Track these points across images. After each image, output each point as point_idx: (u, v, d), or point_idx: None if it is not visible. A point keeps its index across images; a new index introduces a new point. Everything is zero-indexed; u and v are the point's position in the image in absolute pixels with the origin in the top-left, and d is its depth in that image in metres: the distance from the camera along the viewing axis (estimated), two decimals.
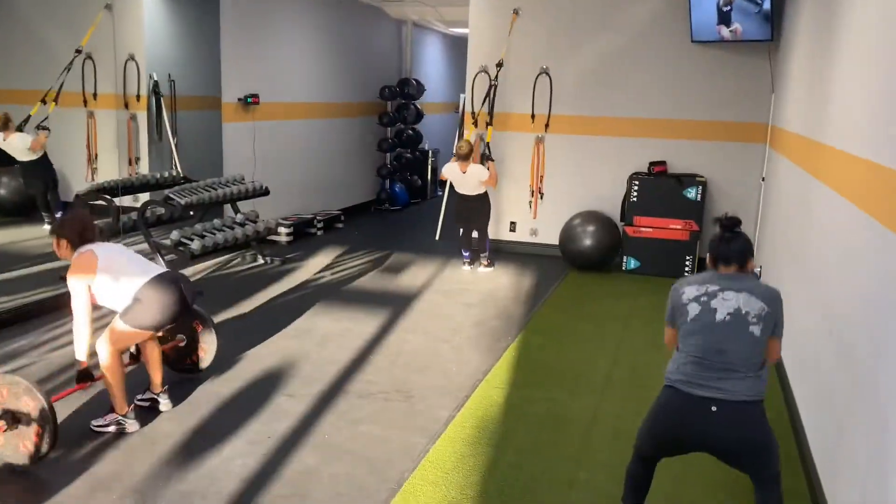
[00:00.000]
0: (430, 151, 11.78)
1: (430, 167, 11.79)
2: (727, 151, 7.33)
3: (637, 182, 7.23)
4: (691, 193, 7.09)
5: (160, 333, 3.99)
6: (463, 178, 6.92)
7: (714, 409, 2.61)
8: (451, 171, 7.00)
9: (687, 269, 7.14)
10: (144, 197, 7.48)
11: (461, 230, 7.36)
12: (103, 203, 6.55)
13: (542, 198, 7.91)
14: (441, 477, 3.41)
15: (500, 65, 7.58)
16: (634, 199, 7.24)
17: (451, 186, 7.22)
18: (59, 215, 8.28)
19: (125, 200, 7.35)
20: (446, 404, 4.18)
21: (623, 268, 7.36)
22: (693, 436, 2.69)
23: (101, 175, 8.47)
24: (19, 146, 7.90)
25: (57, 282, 5.94)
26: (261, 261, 7.26)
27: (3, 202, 8.71)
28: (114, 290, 3.63)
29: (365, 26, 10.15)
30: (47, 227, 8.27)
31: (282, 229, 8.07)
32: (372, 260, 7.55)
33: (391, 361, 4.80)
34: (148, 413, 3.92)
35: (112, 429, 3.69)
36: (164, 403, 3.97)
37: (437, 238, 8.58)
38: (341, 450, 3.63)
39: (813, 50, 4.91)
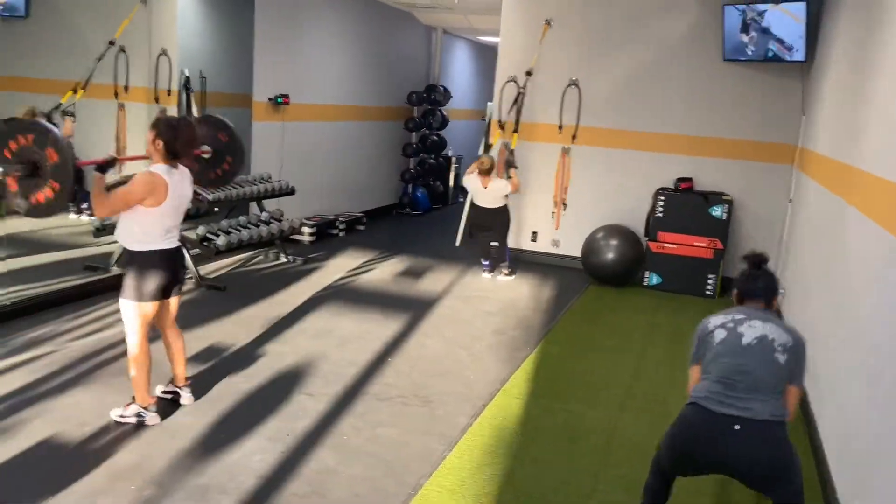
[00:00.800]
0: (454, 158, 11.80)
1: (452, 173, 11.82)
2: (755, 171, 7.28)
3: (663, 197, 7.20)
4: (717, 212, 7.05)
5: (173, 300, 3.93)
6: (484, 192, 6.93)
7: (737, 427, 2.59)
8: (472, 183, 7.01)
9: (709, 287, 7.10)
10: None
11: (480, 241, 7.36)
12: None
13: (565, 209, 7.89)
14: (458, 484, 3.40)
15: (529, 73, 7.58)
16: (659, 214, 7.20)
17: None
18: (84, 205, 8.37)
19: None
20: (465, 411, 4.18)
21: (645, 283, 7.33)
22: (714, 454, 2.66)
23: (128, 167, 8.54)
24: None
25: (80, 270, 6.02)
26: (283, 259, 7.29)
27: None
28: (139, 225, 3.58)
29: (395, 32, 10.21)
30: (73, 216, 8.35)
31: (305, 229, 8.11)
32: (392, 263, 7.57)
33: (410, 366, 4.80)
34: (169, 406, 3.94)
35: (133, 420, 3.72)
36: (186, 397, 3.99)
37: (457, 244, 8.57)
38: (360, 451, 3.64)
39: (848, 72, 4.87)
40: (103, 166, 3.55)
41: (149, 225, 3.61)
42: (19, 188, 3.59)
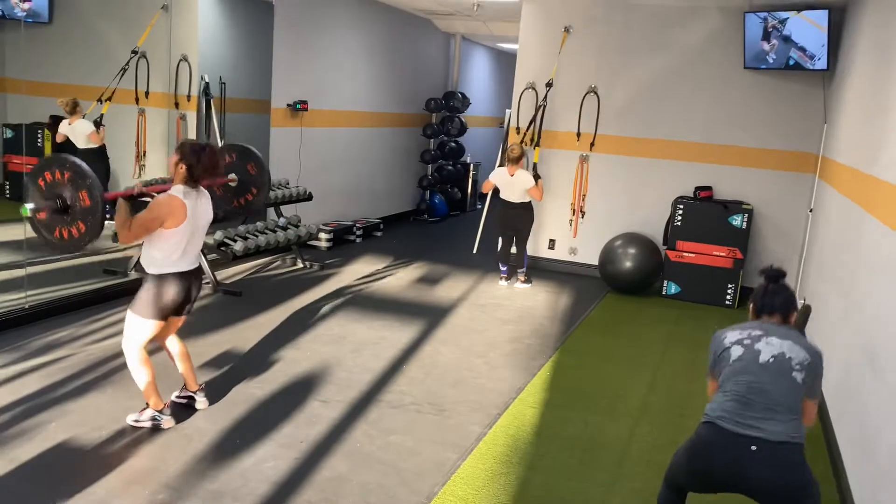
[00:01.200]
0: (472, 164, 11.80)
1: (470, 180, 11.81)
2: (775, 180, 7.22)
3: (682, 206, 7.14)
4: (737, 221, 6.99)
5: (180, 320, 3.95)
6: (510, 181, 6.88)
7: (754, 448, 2.54)
8: (498, 176, 6.98)
9: (728, 297, 7.03)
10: None
11: (500, 242, 7.33)
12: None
13: (583, 217, 7.86)
14: (471, 494, 3.38)
15: (549, 85, 7.55)
16: (678, 223, 7.15)
17: (495, 196, 7.19)
18: (106, 208, 8.44)
19: None
20: (479, 420, 4.15)
21: (663, 292, 7.27)
22: (730, 474, 2.61)
23: (148, 172, 8.63)
24: (83, 132, 8.11)
25: (100, 274, 6.07)
26: (300, 265, 7.31)
27: None
28: (158, 250, 3.61)
29: (414, 38, 10.23)
30: None
31: (322, 235, 8.13)
32: (409, 270, 7.56)
33: (425, 373, 4.79)
34: (184, 410, 3.95)
35: (148, 424, 3.73)
36: (201, 402, 4.00)
37: (474, 251, 8.56)
38: (372, 459, 3.63)
39: (870, 81, 4.81)
40: (130, 198, 3.65)
41: (168, 249, 3.62)
42: (46, 219, 3.73)
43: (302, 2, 7.85)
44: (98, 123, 8.25)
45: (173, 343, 3.98)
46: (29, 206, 3.57)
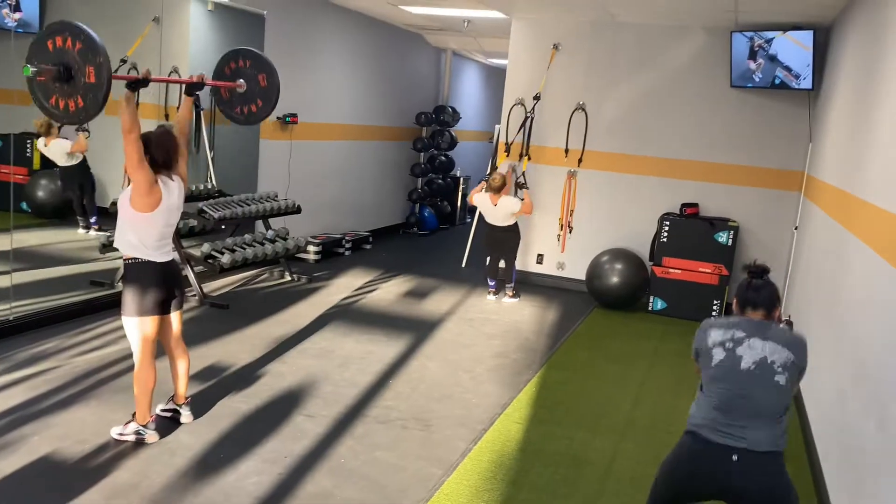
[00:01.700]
0: (462, 178, 11.84)
1: (460, 194, 11.85)
2: (761, 198, 7.28)
3: (668, 222, 7.19)
4: (722, 237, 7.04)
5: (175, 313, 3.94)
6: (493, 209, 6.95)
7: (735, 458, 2.57)
8: (481, 201, 7.03)
9: (714, 313, 7.07)
10: None
11: (488, 258, 7.36)
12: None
13: (570, 232, 7.90)
14: None
15: (537, 97, 7.61)
16: (664, 239, 7.20)
17: (481, 215, 7.24)
18: (93, 220, 8.44)
19: None
20: (464, 436, 4.16)
21: (649, 308, 7.31)
22: (712, 484, 2.64)
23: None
24: (60, 151, 8.10)
25: (86, 286, 6.05)
26: (288, 277, 7.31)
27: (40, 204, 8.87)
28: (134, 233, 3.63)
29: (405, 53, 10.27)
30: (81, 230, 8.41)
31: (311, 248, 8.13)
32: (397, 283, 7.57)
33: (411, 388, 4.79)
34: (169, 424, 3.94)
35: (132, 438, 3.72)
36: (186, 415, 3.99)
37: (463, 265, 8.58)
38: (357, 475, 3.62)
39: (854, 102, 4.88)
40: (136, 84, 3.61)
41: (143, 231, 3.65)
42: (46, 82, 3.56)
43: (293, 15, 7.88)
44: (82, 129, 8.21)
45: (181, 360, 3.99)
46: (32, 67, 3.46)
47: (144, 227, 3.64)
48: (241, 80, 4.35)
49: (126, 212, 3.64)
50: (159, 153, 3.68)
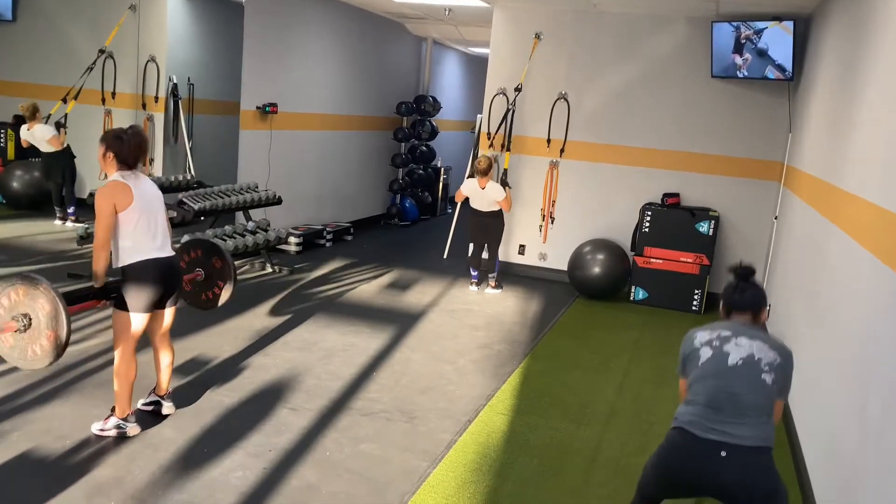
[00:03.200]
0: (443, 169, 11.81)
1: (441, 184, 11.82)
2: (741, 187, 7.33)
3: (650, 213, 7.22)
4: (703, 227, 7.08)
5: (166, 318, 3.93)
6: (481, 193, 6.93)
7: (723, 454, 2.56)
8: (469, 187, 7.01)
9: (695, 302, 7.12)
10: None
11: (471, 248, 7.35)
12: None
13: (552, 222, 7.90)
14: (441, 503, 3.38)
15: (518, 89, 7.59)
16: (646, 229, 7.22)
17: (466, 203, 7.22)
18: (70, 210, 8.32)
19: None
20: (448, 427, 4.16)
21: (631, 298, 7.34)
22: (700, 480, 2.64)
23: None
24: (42, 136, 7.98)
25: (64, 279, 5.97)
26: (269, 269, 7.26)
27: (16, 196, 8.74)
28: (128, 238, 3.58)
29: (385, 42, 10.21)
30: (58, 222, 8.30)
31: (292, 239, 8.07)
32: (379, 275, 7.54)
33: (395, 380, 4.78)
34: (150, 418, 3.90)
35: (113, 433, 3.67)
36: (168, 407, 3.95)
37: (444, 256, 8.57)
38: (342, 468, 3.61)
39: (835, 92, 4.91)
40: (97, 295, 3.69)
41: (135, 233, 3.59)
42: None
43: (272, 3, 7.79)
44: (60, 125, 8.13)
45: (165, 353, 3.95)
46: None
47: (133, 228, 3.58)
48: (199, 270, 4.54)
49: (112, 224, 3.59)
50: (132, 155, 3.64)
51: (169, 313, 3.87)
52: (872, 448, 2.75)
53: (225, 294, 4.54)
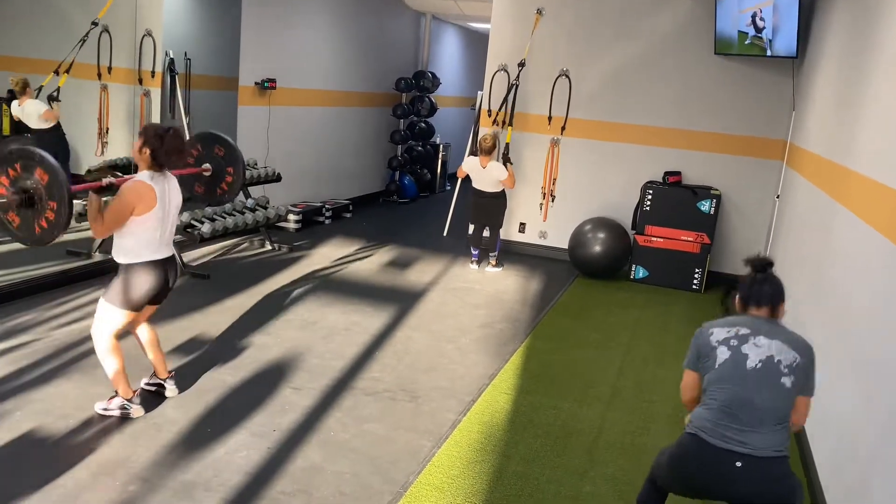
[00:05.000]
0: (442, 146, 11.73)
1: (440, 161, 11.75)
2: (743, 166, 7.29)
3: (651, 191, 7.18)
4: (705, 206, 7.05)
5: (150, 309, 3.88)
6: (482, 172, 6.87)
7: (739, 464, 2.47)
8: (470, 165, 6.96)
9: (695, 282, 7.10)
10: None
11: (472, 227, 7.31)
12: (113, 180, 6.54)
13: (553, 201, 7.86)
14: (447, 482, 3.38)
15: (521, 64, 7.51)
16: (647, 208, 7.20)
17: (466, 180, 7.16)
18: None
19: None
20: (452, 407, 4.15)
21: (631, 276, 7.33)
22: (715, 488, 2.56)
23: (111, 149, 8.42)
24: (34, 112, 7.88)
25: (63, 256, 5.93)
26: (268, 247, 7.22)
27: None
28: (132, 237, 3.53)
29: (384, 17, 10.09)
30: None
31: (291, 216, 8.03)
32: (379, 252, 7.51)
33: (397, 359, 4.77)
34: (154, 398, 3.89)
35: (117, 413, 3.66)
36: (171, 389, 3.94)
37: (444, 234, 8.53)
38: (346, 448, 3.60)
39: (842, 70, 4.86)
40: (100, 190, 3.52)
41: (141, 235, 3.53)
42: (21, 221, 3.52)
43: None
44: (53, 98, 8.02)
45: (143, 331, 3.90)
46: None
47: (142, 231, 3.52)
48: (206, 164, 4.40)
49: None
50: (167, 158, 3.54)
51: (154, 307, 3.83)
52: (882, 433, 2.74)
53: (237, 181, 4.40)
